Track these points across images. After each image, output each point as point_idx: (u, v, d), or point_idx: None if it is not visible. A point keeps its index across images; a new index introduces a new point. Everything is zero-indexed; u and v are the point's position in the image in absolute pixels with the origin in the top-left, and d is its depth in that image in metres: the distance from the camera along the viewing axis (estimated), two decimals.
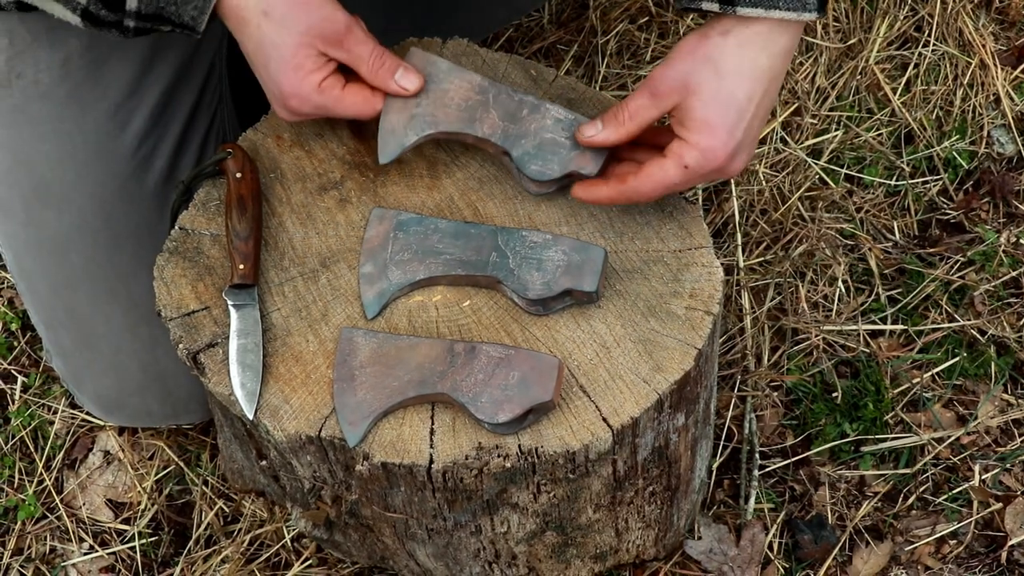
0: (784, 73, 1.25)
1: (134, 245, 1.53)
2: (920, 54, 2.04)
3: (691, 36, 1.23)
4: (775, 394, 1.78)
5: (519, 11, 1.97)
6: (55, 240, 1.53)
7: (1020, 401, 1.77)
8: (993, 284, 1.85)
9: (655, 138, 1.29)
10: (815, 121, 1.99)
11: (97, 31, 1.24)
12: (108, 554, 1.72)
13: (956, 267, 1.87)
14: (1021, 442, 1.73)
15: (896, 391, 1.77)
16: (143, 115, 1.49)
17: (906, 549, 1.67)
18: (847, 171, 1.96)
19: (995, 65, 2.03)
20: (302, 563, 1.67)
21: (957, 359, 1.79)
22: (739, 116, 1.21)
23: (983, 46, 2.04)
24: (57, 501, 1.75)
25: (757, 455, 1.72)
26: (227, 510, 1.73)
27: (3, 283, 1.92)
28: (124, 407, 1.67)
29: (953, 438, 1.73)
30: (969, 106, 2.01)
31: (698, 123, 1.21)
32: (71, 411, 1.81)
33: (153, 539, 1.72)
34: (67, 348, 1.63)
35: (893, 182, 1.96)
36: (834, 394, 1.77)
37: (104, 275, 1.55)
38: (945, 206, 1.95)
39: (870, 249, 1.88)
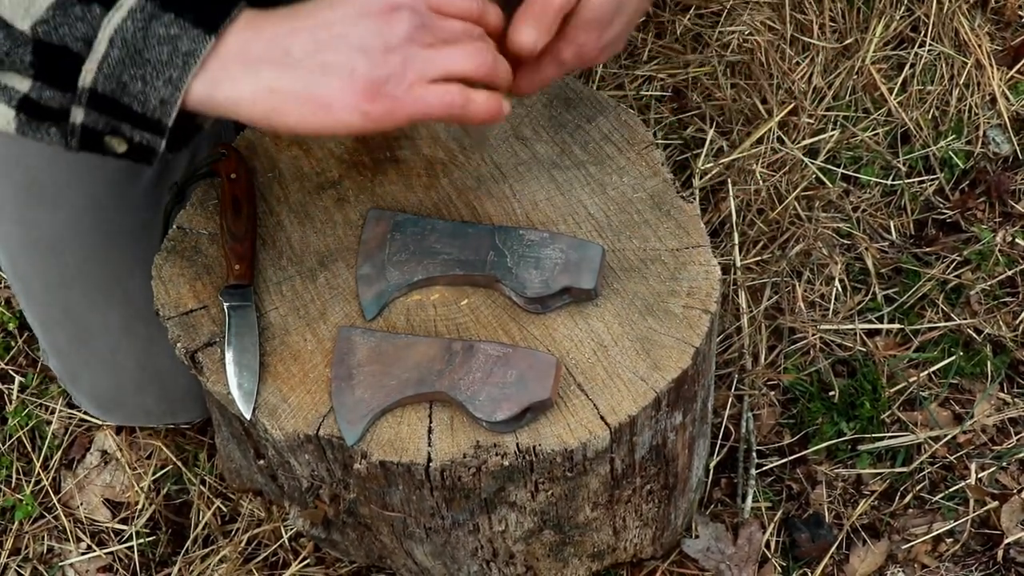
0: None
1: (128, 244, 1.53)
2: (916, 54, 2.05)
3: None
4: (772, 393, 1.78)
5: None
6: (49, 239, 1.53)
7: (1016, 400, 1.77)
8: (989, 283, 1.85)
9: None
10: (812, 121, 1.99)
11: (33, 131, 0.99)
12: (106, 554, 1.72)
13: (952, 266, 1.88)
14: (1017, 441, 1.74)
15: (893, 390, 1.77)
16: None
17: (903, 547, 1.67)
18: (844, 171, 1.96)
19: (991, 65, 2.03)
20: (300, 562, 1.67)
21: (953, 358, 1.79)
22: None
23: (979, 46, 2.04)
24: (55, 501, 1.75)
25: (754, 454, 1.72)
26: (225, 510, 1.73)
27: (0, 283, 1.92)
28: (121, 406, 1.67)
29: (949, 437, 1.73)
30: (965, 106, 2.02)
31: None
32: (68, 411, 1.80)
33: (151, 539, 1.72)
34: (63, 347, 1.63)
35: (889, 182, 1.96)
36: (831, 393, 1.77)
37: (99, 274, 1.55)
38: (941, 205, 1.95)
39: (867, 248, 1.89)
